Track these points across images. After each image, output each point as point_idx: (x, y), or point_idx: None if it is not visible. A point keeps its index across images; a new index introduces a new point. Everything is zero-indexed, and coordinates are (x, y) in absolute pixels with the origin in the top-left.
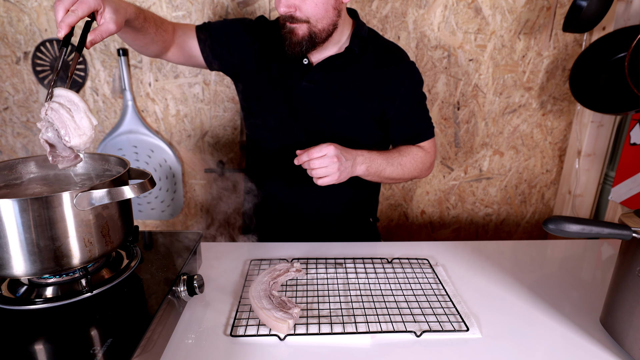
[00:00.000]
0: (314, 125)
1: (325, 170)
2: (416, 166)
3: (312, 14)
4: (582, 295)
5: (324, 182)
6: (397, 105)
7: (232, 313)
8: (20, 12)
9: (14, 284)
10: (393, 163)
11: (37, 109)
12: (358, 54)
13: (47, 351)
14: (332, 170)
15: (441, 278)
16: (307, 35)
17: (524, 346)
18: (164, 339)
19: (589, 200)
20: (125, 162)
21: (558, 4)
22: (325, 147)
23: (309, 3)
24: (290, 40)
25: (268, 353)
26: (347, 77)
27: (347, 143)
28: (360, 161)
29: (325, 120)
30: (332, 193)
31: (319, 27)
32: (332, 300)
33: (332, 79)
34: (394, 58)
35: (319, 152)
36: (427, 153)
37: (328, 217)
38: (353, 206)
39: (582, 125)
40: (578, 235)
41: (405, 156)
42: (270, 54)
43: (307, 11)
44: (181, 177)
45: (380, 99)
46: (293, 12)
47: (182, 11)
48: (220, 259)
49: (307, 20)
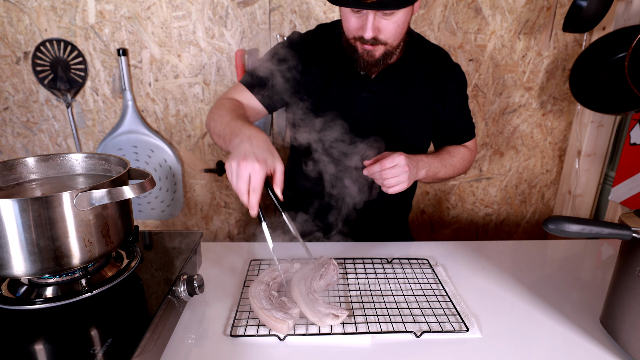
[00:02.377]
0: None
1: (397, 179)
2: (463, 165)
3: (394, 35)
4: (582, 295)
5: (395, 191)
6: (449, 107)
7: (231, 313)
8: (20, 12)
9: (14, 284)
10: (446, 165)
11: (37, 109)
12: (414, 62)
13: (47, 351)
14: (403, 179)
15: (441, 278)
16: (382, 55)
17: (524, 346)
18: (164, 339)
19: (589, 200)
20: (125, 162)
21: (558, 4)
22: (396, 157)
23: (392, 26)
24: (365, 61)
25: (268, 353)
26: (404, 84)
27: (406, 149)
28: (421, 166)
29: (385, 129)
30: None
31: (394, 46)
32: (331, 300)
33: (390, 87)
34: (442, 61)
35: (392, 162)
36: (471, 152)
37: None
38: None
39: (582, 125)
40: (578, 235)
41: (455, 157)
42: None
43: (389, 32)
44: (181, 177)
45: (434, 103)
46: (377, 35)
47: (182, 11)
48: (221, 259)
49: (386, 42)
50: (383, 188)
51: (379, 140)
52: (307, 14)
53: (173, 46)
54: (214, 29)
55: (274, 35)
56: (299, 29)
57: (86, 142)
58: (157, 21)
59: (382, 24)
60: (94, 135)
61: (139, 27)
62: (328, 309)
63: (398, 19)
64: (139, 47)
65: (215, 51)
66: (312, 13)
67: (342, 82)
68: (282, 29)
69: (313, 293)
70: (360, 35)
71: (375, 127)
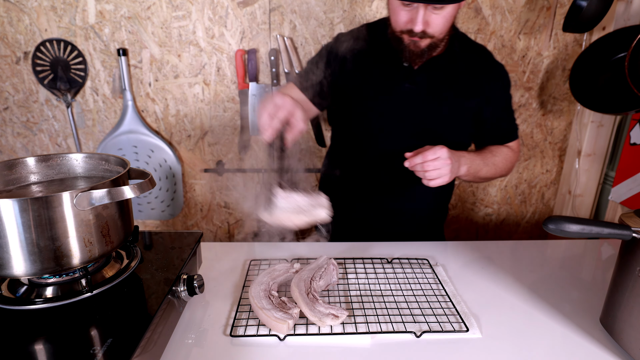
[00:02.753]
0: (417, 127)
1: (438, 172)
2: (506, 166)
3: (442, 29)
4: (582, 295)
5: (437, 184)
6: (492, 105)
7: (231, 313)
8: (20, 12)
9: (14, 284)
10: (488, 163)
11: (37, 109)
12: (458, 54)
13: (47, 351)
14: (444, 172)
15: (441, 278)
16: (427, 46)
17: (524, 346)
18: (164, 339)
19: (589, 200)
20: (125, 162)
21: (558, 4)
22: (439, 149)
23: (441, 20)
24: (411, 52)
25: (268, 353)
26: (447, 77)
27: (448, 143)
28: (463, 162)
29: (427, 122)
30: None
31: (440, 38)
32: (332, 300)
33: (433, 80)
34: (487, 59)
35: (434, 155)
36: (514, 153)
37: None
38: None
39: (582, 125)
40: (578, 235)
41: (498, 156)
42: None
43: (437, 26)
44: (181, 177)
45: (478, 99)
46: (426, 29)
47: (182, 11)
48: (221, 259)
49: (434, 35)
50: (424, 181)
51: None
52: (307, 14)
53: (173, 46)
54: (214, 29)
55: (274, 35)
56: (299, 29)
57: (86, 142)
58: (157, 21)
59: (432, 18)
60: (94, 135)
61: (139, 27)
62: (328, 309)
63: (447, 13)
64: (139, 47)
65: (215, 51)
66: (312, 13)
67: (385, 73)
68: (282, 29)
69: (313, 293)
70: (409, 29)
71: (417, 119)
